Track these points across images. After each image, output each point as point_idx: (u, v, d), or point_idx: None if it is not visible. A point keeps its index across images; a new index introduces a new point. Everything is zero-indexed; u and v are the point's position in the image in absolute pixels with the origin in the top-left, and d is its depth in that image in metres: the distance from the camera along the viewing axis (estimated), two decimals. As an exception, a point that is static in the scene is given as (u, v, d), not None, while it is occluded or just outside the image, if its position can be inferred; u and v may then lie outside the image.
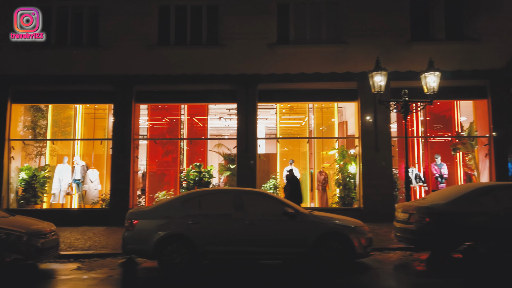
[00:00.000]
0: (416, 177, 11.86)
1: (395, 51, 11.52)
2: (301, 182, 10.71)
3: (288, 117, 14.59)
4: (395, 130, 12.46)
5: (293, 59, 11.61)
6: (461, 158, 12.40)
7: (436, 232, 6.31)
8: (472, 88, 11.60)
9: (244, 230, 6.02)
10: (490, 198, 6.43)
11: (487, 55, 11.42)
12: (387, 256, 7.32)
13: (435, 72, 8.81)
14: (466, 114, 13.00)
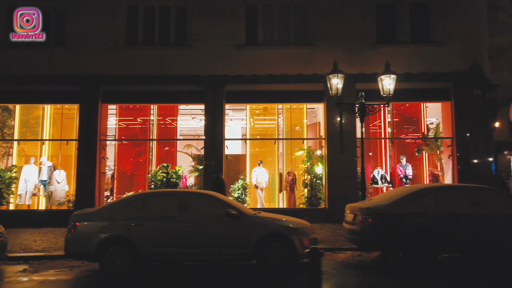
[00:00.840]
0: (382, 177, 12.02)
1: (361, 54, 11.65)
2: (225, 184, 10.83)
3: (262, 118, 14.65)
4: (370, 131, 12.60)
5: (261, 61, 11.69)
6: (427, 159, 12.59)
7: (378, 233, 6.43)
8: (437, 90, 11.77)
9: (187, 232, 6.08)
10: (430, 200, 6.57)
11: (451, 58, 11.61)
12: (336, 256, 7.44)
13: (391, 75, 8.93)
14: (436, 116, 13.20)
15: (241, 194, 11.82)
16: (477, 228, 6.42)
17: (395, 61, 11.60)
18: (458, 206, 6.54)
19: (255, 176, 12.08)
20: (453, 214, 6.45)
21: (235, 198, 11.82)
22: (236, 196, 11.81)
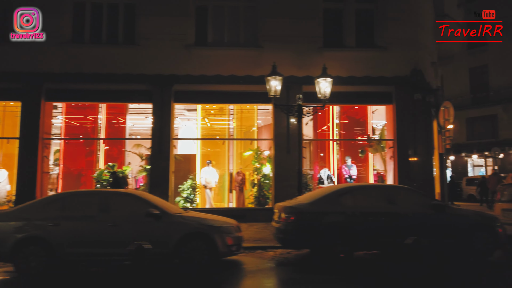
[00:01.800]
0: (328, 177, 12.33)
1: (309, 57, 11.90)
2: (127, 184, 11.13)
3: (218, 118, 14.71)
4: (320, 132, 12.92)
5: (210, 61, 11.75)
6: (373, 160, 13.03)
7: (298, 231, 6.63)
8: (380, 93, 12.19)
9: (107, 232, 6.07)
10: (349, 199, 6.84)
11: (394, 63, 12.05)
12: (266, 254, 7.62)
13: (327, 78, 9.19)
14: (384, 118, 13.66)
15: (190, 194, 11.86)
16: (395, 226, 6.72)
17: (340, 64, 12.06)
18: (376, 205, 6.83)
19: (204, 176, 12.13)
20: (371, 213, 6.74)
21: (183, 198, 11.86)
22: (185, 196, 11.84)
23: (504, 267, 6.78)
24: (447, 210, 6.80)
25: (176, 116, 13.76)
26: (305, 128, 13.45)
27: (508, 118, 27.42)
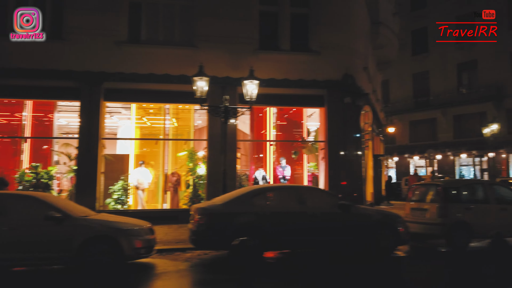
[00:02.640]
0: (263, 178, 12.50)
1: (244, 58, 11.96)
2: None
3: (157, 117, 14.44)
4: (260, 133, 13.03)
5: (143, 59, 11.50)
6: (307, 161, 13.38)
7: (210, 232, 6.66)
8: (313, 96, 12.53)
9: (4, 237, 5.77)
10: (261, 199, 6.98)
11: (326, 67, 12.42)
12: (183, 256, 7.58)
13: (253, 81, 9.31)
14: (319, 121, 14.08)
15: (121, 195, 11.56)
16: (304, 225, 6.93)
17: (275, 67, 12.28)
18: (287, 205, 7.01)
19: (136, 176, 11.86)
20: (281, 213, 6.90)
21: (114, 199, 11.53)
22: (116, 198, 11.53)
23: (400, 264, 7.19)
24: (353, 209, 7.12)
25: (112, 115, 13.38)
26: (245, 129, 13.63)
27: (446, 121, 29.25)
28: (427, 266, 6.95)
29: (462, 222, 7.70)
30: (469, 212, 7.82)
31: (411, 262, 7.31)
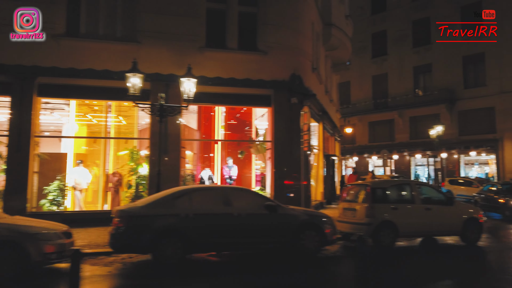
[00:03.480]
0: (209, 178, 12.32)
1: (189, 56, 11.69)
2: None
3: (101, 115, 13.91)
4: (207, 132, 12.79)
5: (82, 54, 11.02)
6: (255, 161, 13.33)
7: (128, 235, 6.41)
8: (261, 96, 12.44)
9: None
10: (185, 201, 6.79)
11: (273, 67, 12.39)
12: (107, 260, 7.24)
13: (191, 79, 9.10)
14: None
15: (57, 196, 11.02)
16: (229, 227, 6.81)
17: (222, 66, 12.12)
18: (211, 207, 6.87)
19: (74, 176, 11.35)
20: (205, 215, 6.75)
21: (49, 200, 10.98)
22: (51, 198, 10.97)
23: (322, 263, 7.22)
24: (280, 210, 7.08)
25: (52, 112, 12.76)
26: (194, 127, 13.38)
27: (403, 122, 30.14)
28: (347, 265, 7.03)
29: (388, 222, 7.86)
30: (395, 212, 7.98)
31: (333, 262, 7.32)
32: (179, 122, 11.61)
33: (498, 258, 7.72)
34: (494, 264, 7.50)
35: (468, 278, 6.32)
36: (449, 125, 27.81)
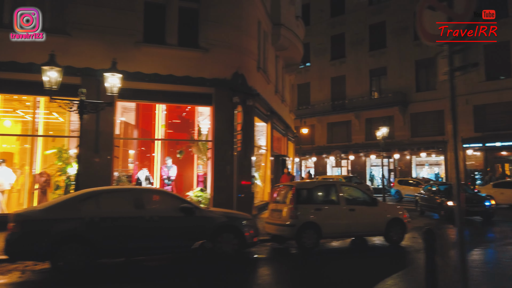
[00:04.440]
0: (146, 179, 11.86)
1: (125, 51, 11.25)
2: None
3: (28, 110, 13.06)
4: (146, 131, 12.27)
5: (3, 45, 10.25)
6: (197, 160, 13.00)
7: (23, 241, 5.92)
8: (202, 94, 12.13)
9: None
10: (91, 204, 6.38)
11: (215, 65, 12.13)
12: (7, 267, 6.71)
13: (116, 74, 8.66)
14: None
15: None
16: (140, 231, 6.46)
17: (160, 62, 11.71)
18: (120, 210, 6.49)
19: (-6, 177, 10.55)
20: (113, 218, 6.36)
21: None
22: (-33, 200, 10.13)
23: (240, 266, 7.03)
24: (197, 212, 6.81)
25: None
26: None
27: (359, 124, 30.76)
28: (263, 268, 6.88)
29: (312, 223, 7.79)
30: (319, 213, 7.93)
31: (249, 265, 7.11)
32: (114, 119, 11.09)
33: (412, 259, 7.58)
34: (403, 265, 7.39)
35: (357, 279, 6.19)
36: (402, 127, 28.78)
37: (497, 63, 24.83)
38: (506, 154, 24.86)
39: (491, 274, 6.45)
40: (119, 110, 12.75)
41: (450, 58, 3.71)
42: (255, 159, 15.26)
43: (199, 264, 6.89)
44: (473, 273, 6.34)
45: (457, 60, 3.63)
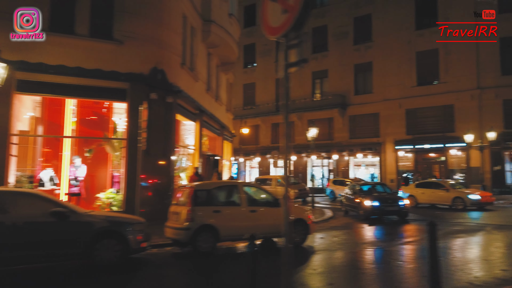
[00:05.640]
0: (51, 179, 10.94)
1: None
2: None
3: None
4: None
5: None
6: (110, 159, 12.25)
7: None
8: (115, 90, 11.44)
9: None
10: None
11: (131, 59, 11.49)
12: None
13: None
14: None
15: None
16: (4, 238, 5.76)
17: (68, 53, 10.87)
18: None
19: None
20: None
21: None
22: None
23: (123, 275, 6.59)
24: (72, 217, 6.22)
25: None
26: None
27: (301, 125, 31.16)
28: (150, 274, 6.46)
29: (209, 226, 7.47)
30: (217, 215, 7.64)
31: (131, 273, 6.64)
32: (10, 113, 10.10)
33: (301, 260, 7.43)
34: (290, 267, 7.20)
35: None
36: (341, 129, 29.60)
37: (428, 69, 26.26)
38: (434, 156, 26.37)
39: (371, 274, 6.51)
40: (30, 104, 11.72)
41: (285, 53, 3.51)
42: (181, 159, 14.78)
43: (70, 274, 6.33)
44: (351, 274, 6.37)
45: (293, 55, 3.44)
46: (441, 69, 25.74)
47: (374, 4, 28.45)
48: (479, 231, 10.49)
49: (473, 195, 16.03)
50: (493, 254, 7.82)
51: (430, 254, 4.32)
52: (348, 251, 8.29)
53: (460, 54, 24.97)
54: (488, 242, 9.16)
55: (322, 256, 7.99)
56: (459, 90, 24.75)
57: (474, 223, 12.00)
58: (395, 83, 27.21)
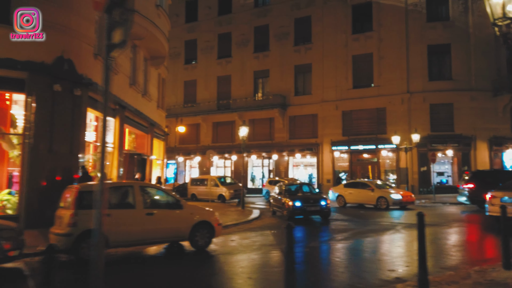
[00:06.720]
0: None
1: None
2: None
3: None
4: None
5: None
6: (7, 157, 11.00)
7: None
8: (11, 79, 10.29)
9: None
10: None
11: (32, 46, 10.29)
12: None
13: None
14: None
15: None
16: None
17: None
18: None
19: None
20: None
21: None
22: None
23: None
24: None
25: None
26: None
27: (242, 124, 30.83)
28: None
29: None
30: (107, 220, 6.92)
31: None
32: None
33: (195, 264, 7.12)
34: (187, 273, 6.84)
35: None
36: (281, 129, 29.74)
37: (363, 72, 27.19)
38: (368, 156, 27.36)
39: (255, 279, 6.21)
40: None
41: (108, 31, 3.02)
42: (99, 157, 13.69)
43: None
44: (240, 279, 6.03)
45: (118, 35, 2.95)
46: (375, 73, 26.78)
47: (314, 7, 28.94)
48: (389, 230, 10.73)
49: (395, 195, 16.64)
50: (388, 254, 7.89)
51: (285, 259, 4.00)
52: (248, 255, 7.83)
53: (392, 59, 26.15)
54: (391, 241, 9.30)
55: (221, 259, 7.53)
56: (391, 94, 25.90)
57: (389, 222, 12.33)
58: (332, 85, 27.87)
